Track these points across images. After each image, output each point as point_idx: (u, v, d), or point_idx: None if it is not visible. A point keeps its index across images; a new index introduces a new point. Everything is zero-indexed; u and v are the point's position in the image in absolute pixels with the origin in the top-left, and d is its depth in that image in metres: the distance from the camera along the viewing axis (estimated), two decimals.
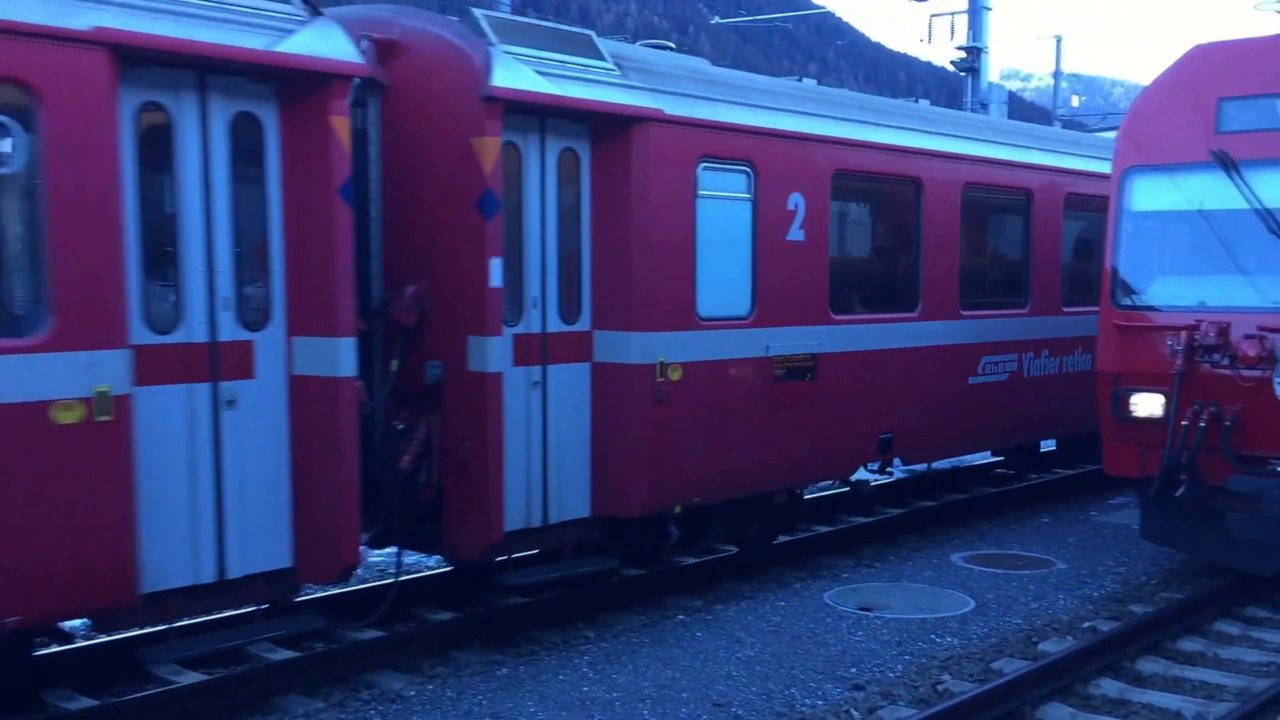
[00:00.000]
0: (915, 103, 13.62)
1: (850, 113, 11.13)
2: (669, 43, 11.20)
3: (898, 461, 11.93)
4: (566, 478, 9.16)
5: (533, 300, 8.89)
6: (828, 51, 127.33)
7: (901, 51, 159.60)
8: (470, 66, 8.27)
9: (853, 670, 8.39)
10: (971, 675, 8.30)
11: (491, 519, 8.45)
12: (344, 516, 7.60)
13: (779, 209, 10.20)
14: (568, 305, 9.16)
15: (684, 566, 10.78)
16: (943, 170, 11.90)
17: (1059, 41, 42.15)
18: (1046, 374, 13.58)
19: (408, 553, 9.20)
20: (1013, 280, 13.43)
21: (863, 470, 11.57)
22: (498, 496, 8.46)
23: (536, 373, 8.93)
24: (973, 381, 12.46)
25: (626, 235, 9.11)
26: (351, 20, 8.56)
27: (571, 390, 9.19)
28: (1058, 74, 43.86)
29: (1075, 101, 62.56)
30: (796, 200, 10.33)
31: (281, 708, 7.64)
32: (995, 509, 14.01)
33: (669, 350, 9.35)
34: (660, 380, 9.29)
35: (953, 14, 25.93)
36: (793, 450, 10.47)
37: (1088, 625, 9.43)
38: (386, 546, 8.94)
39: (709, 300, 9.66)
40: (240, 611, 8.15)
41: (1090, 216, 13.85)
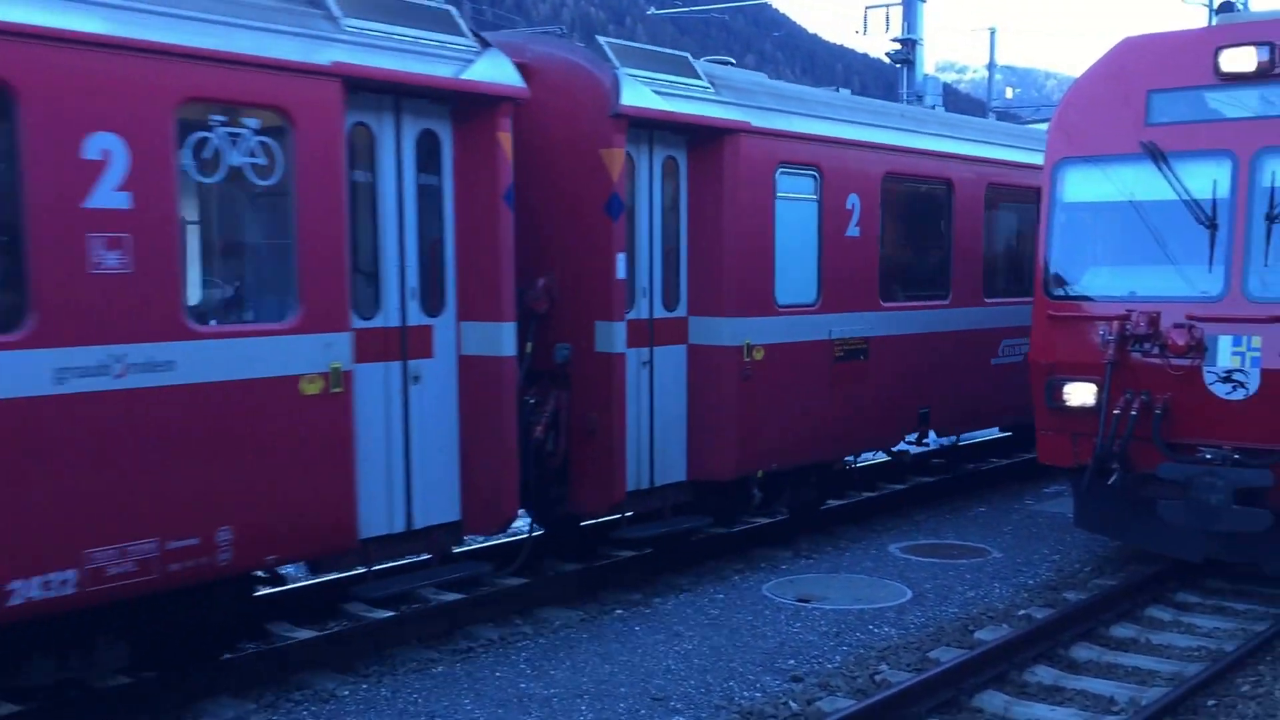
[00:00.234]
0: (932, 109, 15.02)
1: (896, 121, 12.58)
2: (729, 58, 12.48)
3: (931, 434, 13.32)
4: (669, 446, 10.48)
5: (643, 290, 10.18)
6: (765, 43, 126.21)
7: (838, 43, 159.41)
8: (600, 87, 9.52)
9: (791, 662, 8.37)
10: (909, 665, 8.30)
11: (616, 480, 9.76)
12: (505, 476, 8.86)
13: (839, 208, 11.58)
14: (669, 294, 10.46)
15: (623, 560, 10.81)
16: (970, 171, 13.38)
17: (993, 34, 43.13)
18: None
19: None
20: (1027, 270, 14.86)
21: (903, 442, 13.05)
22: (621, 461, 9.78)
23: (646, 353, 10.22)
24: (994, 362, 13.93)
25: (719, 232, 10.43)
26: None
27: (672, 368, 10.50)
28: (992, 66, 44.61)
29: (1010, 93, 63.98)
30: (854, 200, 11.72)
31: (210, 711, 7.55)
32: (932, 499, 14.17)
33: (754, 333, 10.68)
34: (747, 360, 10.61)
35: (888, 6, 26.17)
36: (850, 422, 11.88)
37: (1023, 613, 9.47)
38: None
39: (785, 289, 11.02)
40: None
41: None
